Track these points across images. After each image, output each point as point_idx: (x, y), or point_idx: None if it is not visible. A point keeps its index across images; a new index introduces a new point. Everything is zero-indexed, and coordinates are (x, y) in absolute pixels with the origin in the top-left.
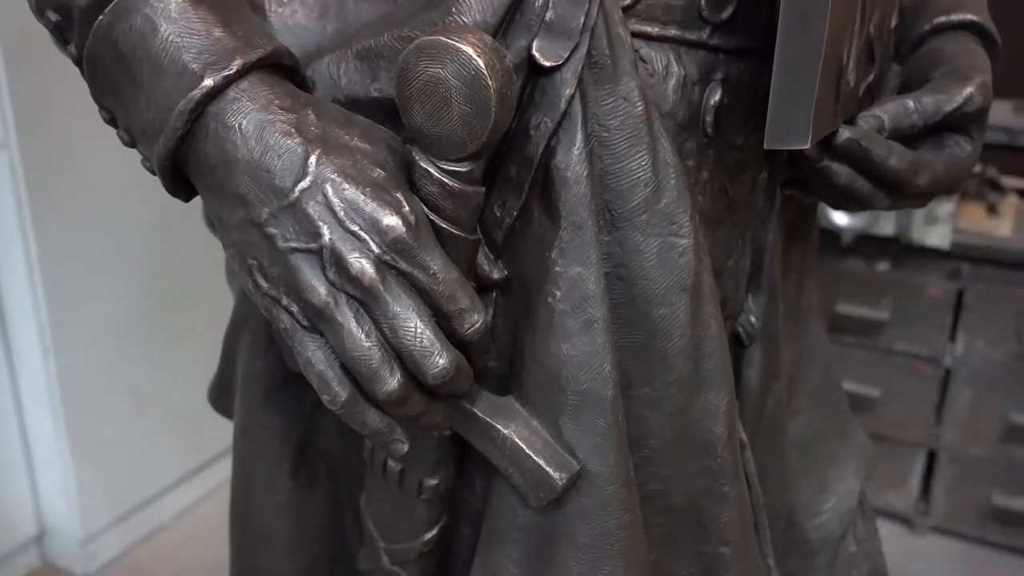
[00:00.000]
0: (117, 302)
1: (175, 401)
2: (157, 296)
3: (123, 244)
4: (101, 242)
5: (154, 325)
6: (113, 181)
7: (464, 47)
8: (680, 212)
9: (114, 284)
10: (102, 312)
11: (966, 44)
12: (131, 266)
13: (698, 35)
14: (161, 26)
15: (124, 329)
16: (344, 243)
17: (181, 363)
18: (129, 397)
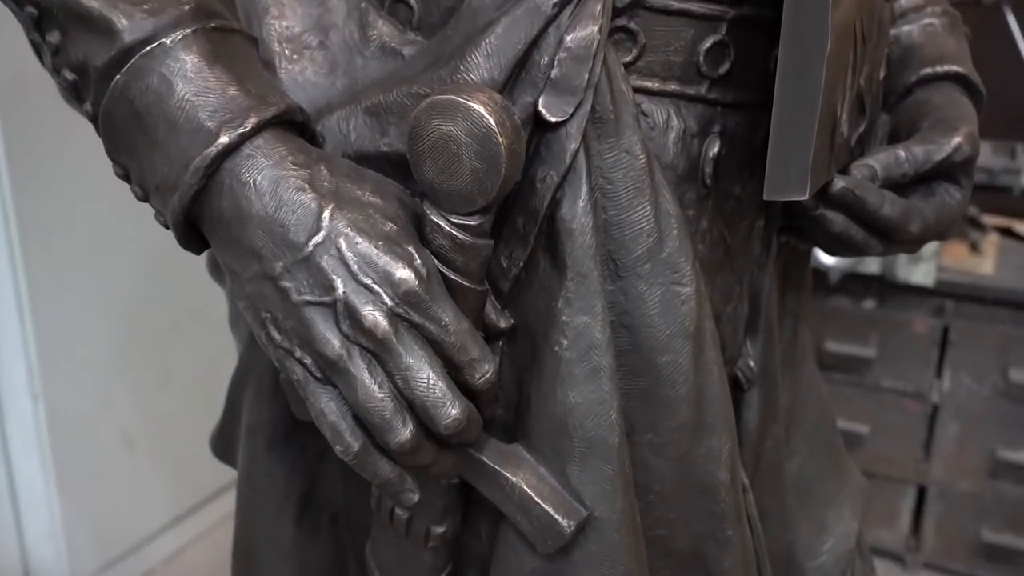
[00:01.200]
0: (107, 344)
1: (165, 442)
2: (146, 337)
3: (113, 286)
4: (91, 284)
5: (143, 366)
6: (104, 223)
7: (475, 105)
8: (682, 261)
9: (104, 326)
10: (92, 355)
11: (952, 95)
12: (121, 307)
13: (697, 90)
14: (177, 85)
15: (113, 370)
16: (357, 296)
17: (171, 404)
18: (118, 439)
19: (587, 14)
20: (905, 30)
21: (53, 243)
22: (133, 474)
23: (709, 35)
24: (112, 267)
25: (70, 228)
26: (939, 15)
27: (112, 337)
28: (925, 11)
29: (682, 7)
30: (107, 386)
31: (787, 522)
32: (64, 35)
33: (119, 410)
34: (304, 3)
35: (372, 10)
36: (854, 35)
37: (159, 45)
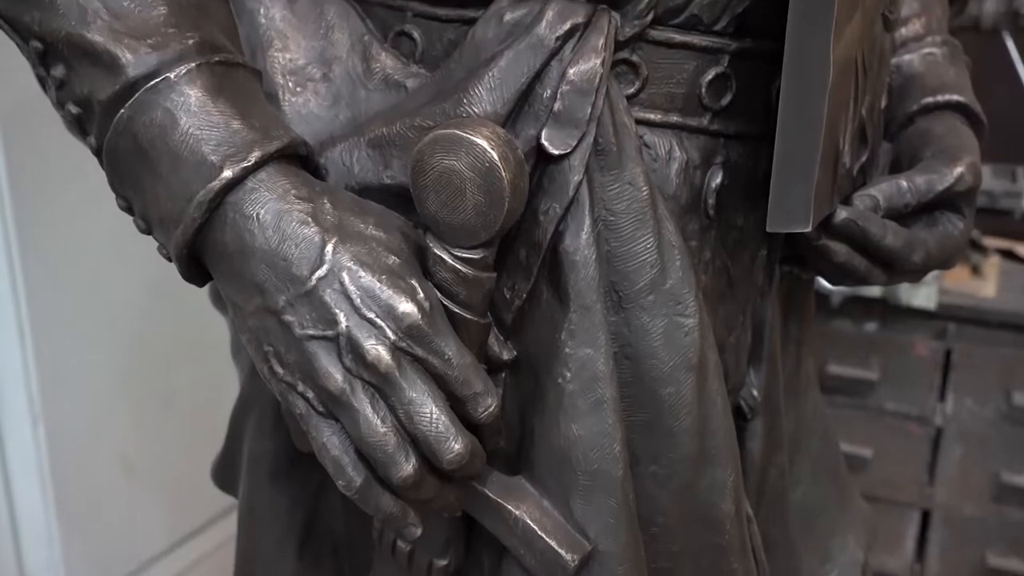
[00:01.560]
0: (107, 368)
1: (165, 467)
2: (147, 361)
3: (114, 310)
4: (92, 308)
5: (144, 390)
6: (105, 248)
7: (478, 140)
8: (685, 292)
9: (105, 350)
10: (92, 379)
11: (954, 124)
12: (122, 331)
13: (699, 121)
14: (181, 119)
15: (114, 394)
16: (360, 330)
17: (171, 428)
18: (118, 463)
19: (590, 48)
20: (906, 59)
21: (55, 267)
22: (133, 498)
23: (711, 67)
24: (113, 291)
25: (72, 252)
26: (939, 44)
27: (113, 361)
28: (925, 40)
29: (684, 40)
30: (107, 410)
31: (792, 552)
32: (69, 69)
33: (119, 434)
34: (308, 36)
35: (375, 43)
36: (855, 67)
37: (163, 80)
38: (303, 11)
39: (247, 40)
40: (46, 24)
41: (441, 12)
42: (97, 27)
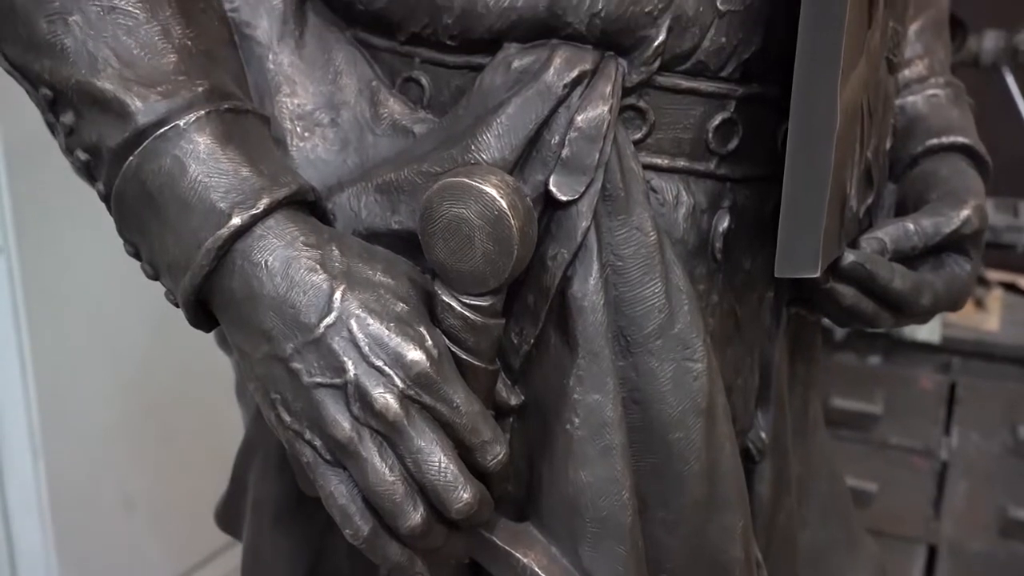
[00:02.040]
0: (109, 403)
1: (165, 503)
2: (149, 396)
3: (116, 346)
4: (95, 344)
5: (145, 425)
6: (108, 284)
7: (487, 188)
8: (693, 337)
9: (106, 385)
10: (94, 414)
11: (959, 166)
12: (124, 367)
13: (706, 166)
14: (190, 167)
15: (115, 430)
16: (368, 378)
17: (172, 465)
18: (119, 500)
19: (597, 94)
20: (910, 100)
21: (57, 302)
22: (133, 535)
23: (718, 113)
24: (115, 327)
25: (74, 287)
26: (943, 86)
27: (114, 396)
28: (929, 82)
29: (691, 86)
30: (108, 446)
31: None
32: (78, 116)
33: (120, 470)
34: (316, 81)
35: (383, 88)
36: (861, 111)
37: (172, 127)
38: (311, 57)
39: (255, 86)
40: (56, 72)
41: (449, 59)
42: (107, 75)
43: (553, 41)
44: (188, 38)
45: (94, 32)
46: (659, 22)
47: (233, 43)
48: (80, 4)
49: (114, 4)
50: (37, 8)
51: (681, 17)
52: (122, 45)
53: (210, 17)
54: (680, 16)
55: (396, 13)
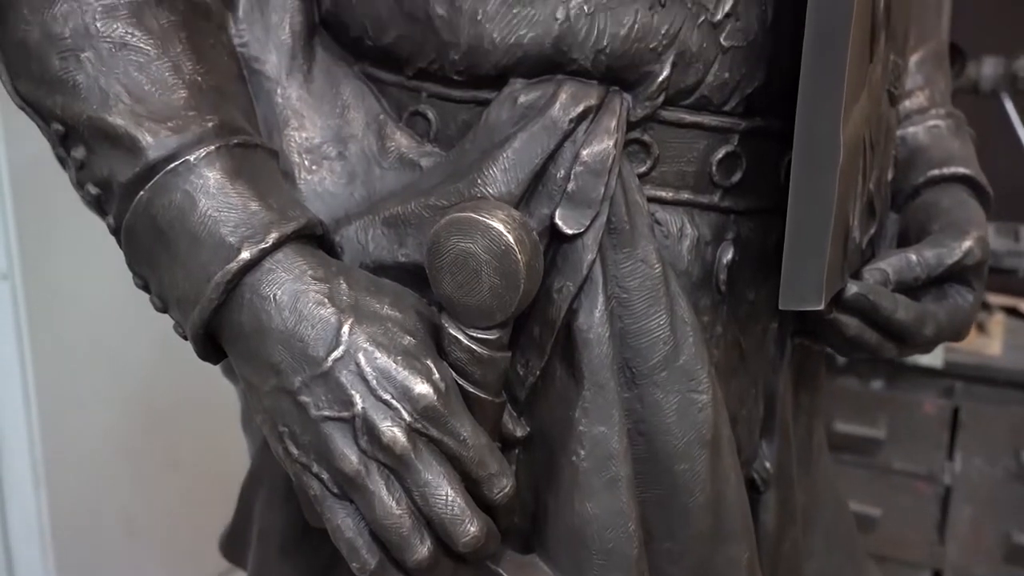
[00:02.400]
0: (110, 430)
1: (167, 530)
2: (151, 422)
3: (119, 372)
4: (97, 370)
5: (147, 451)
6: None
7: (495, 223)
8: (698, 369)
9: (109, 412)
10: (95, 440)
11: (960, 197)
12: (125, 393)
13: (710, 198)
14: (200, 201)
15: (117, 456)
16: (376, 412)
17: (174, 490)
18: (120, 527)
19: (602, 129)
20: (911, 131)
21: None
22: (135, 562)
23: (721, 146)
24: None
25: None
26: (944, 117)
27: (116, 423)
28: (930, 113)
29: (695, 120)
30: (110, 472)
31: None
32: (89, 151)
33: (122, 497)
34: (324, 115)
35: (390, 122)
36: (863, 144)
37: (183, 163)
38: (319, 91)
39: (264, 119)
40: (68, 108)
41: (455, 93)
42: (118, 110)
43: (558, 76)
44: (198, 74)
45: (106, 68)
46: (663, 58)
47: (242, 78)
48: (92, 41)
49: (126, 41)
50: (50, 45)
51: (685, 53)
52: (133, 81)
53: (220, 52)
54: (684, 52)
55: (404, 49)
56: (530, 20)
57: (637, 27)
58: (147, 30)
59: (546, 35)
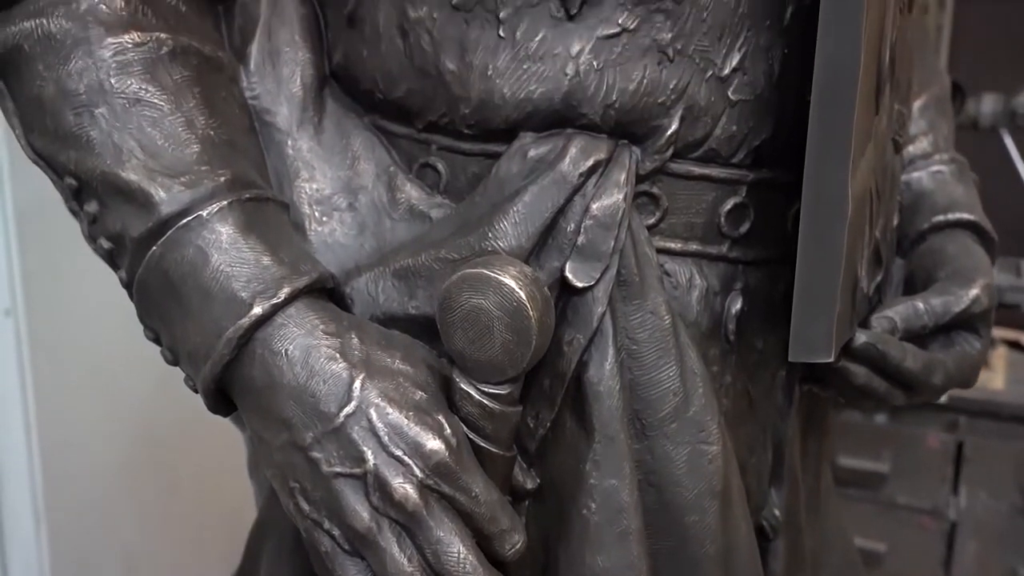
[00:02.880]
0: (112, 466)
1: (167, 560)
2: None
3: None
4: (98, 405)
5: (149, 488)
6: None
7: (506, 280)
8: (708, 420)
9: (109, 447)
10: (96, 477)
11: (966, 243)
12: (127, 427)
13: (718, 249)
14: (213, 256)
15: (117, 487)
16: (388, 468)
17: (174, 521)
18: (120, 559)
19: (612, 183)
20: (915, 176)
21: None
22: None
23: (729, 198)
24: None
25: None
26: (947, 162)
27: (116, 453)
28: (933, 158)
29: (703, 172)
30: (110, 504)
31: None
32: (102, 206)
33: (122, 528)
34: (334, 166)
35: (400, 173)
36: (870, 194)
37: (196, 218)
38: (329, 142)
39: (275, 171)
40: (82, 163)
41: (465, 146)
42: (132, 166)
43: (568, 130)
44: (211, 128)
45: (120, 124)
46: (672, 112)
47: (253, 130)
48: (106, 97)
49: (140, 96)
50: (64, 101)
51: (693, 107)
52: (147, 136)
53: (231, 105)
54: (692, 106)
55: (414, 103)
56: (540, 76)
57: (646, 82)
58: (161, 86)
59: (556, 90)
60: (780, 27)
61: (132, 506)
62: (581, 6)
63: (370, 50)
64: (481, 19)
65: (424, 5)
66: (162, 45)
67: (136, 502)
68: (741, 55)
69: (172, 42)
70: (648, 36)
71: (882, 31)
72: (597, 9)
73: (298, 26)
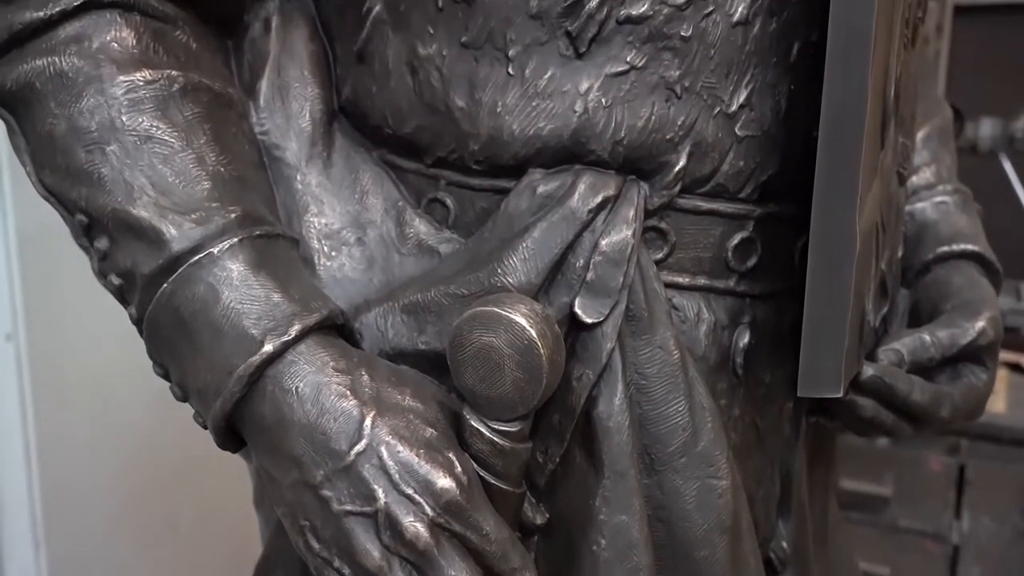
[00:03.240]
0: (113, 492)
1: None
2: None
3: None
4: (99, 432)
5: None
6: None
7: (517, 318)
8: (717, 454)
9: (110, 475)
10: (97, 504)
11: (971, 275)
12: (128, 455)
13: (726, 283)
14: (223, 293)
15: (117, 517)
16: (399, 507)
17: (175, 551)
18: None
19: (621, 219)
20: (919, 207)
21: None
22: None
23: (737, 232)
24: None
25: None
26: (951, 193)
27: (117, 483)
28: (937, 189)
29: (711, 207)
30: (110, 533)
31: None
32: (112, 242)
33: (122, 558)
34: (343, 200)
35: (409, 208)
36: (876, 229)
37: (207, 255)
38: (338, 176)
39: (284, 205)
40: (93, 200)
41: (474, 182)
42: (143, 203)
43: (577, 167)
44: (221, 164)
45: (130, 161)
46: (680, 148)
47: (263, 165)
48: (118, 134)
49: (151, 134)
50: (76, 138)
51: (701, 143)
52: (158, 173)
53: (241, 141)
54: (700, 142)
55: (423, 138)
56: (549, 113)
57: (654, 119)
58: (171, 123)
59: (565, 127)
60: (787, 64)
61: (133, 533)
62: (590, 44)
63: (379, 86)
64: (490, 57)
65: (434, 43)
66: (173, 82)
67: (137, 529)
68: (748, 92)
69: (183, 79)
70: (656, 73)
71: (887, 67)
72: (606, 47)
73: (307, 62)
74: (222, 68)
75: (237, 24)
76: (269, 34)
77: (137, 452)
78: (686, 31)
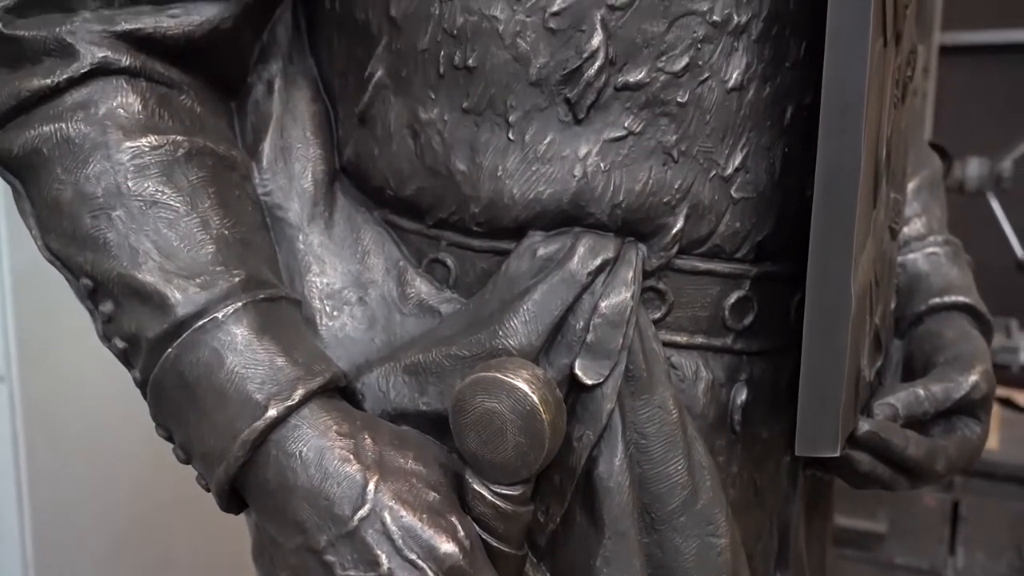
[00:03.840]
0: (105, 532)
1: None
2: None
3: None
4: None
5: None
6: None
7: (519, 384)
8: (716, 512)
9: (103, 515)
10: (89, 545)
11: (963, 327)
12: (120, 495)
13: (723, 341)
14: (228, 358)
15: (110, 561)
16: (403, 572)
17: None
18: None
19: (620, 281)
20: (910, 258)
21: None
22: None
23: (733, 291)
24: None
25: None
26: (942, 244)
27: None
28: (928, 240)
29: (708, 267)
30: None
31: None
32: (117, 306)
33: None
34: (344, 260)
35: (410, 268)
36: (870, 286)
37: (211, 320)
38: (340, 236)
39: (286, 265)
40: (98, 265)
41: (475, 243)
42: (148, 267)
43: (576, 229)
44: (225, 227)
45: (136, 226)
46: (677, 211)
47: (265, 226)
48: (123, 200)
49: (156, 199)
50: (82, 204)
51: (698, 206)
52: (163, 238)
53: (245, 203)
54: (697, 205)
55: (425, 200)
56: (549, 177)
57: (651, 182)
58: (177, 187)
59: (564, 191)
60: (781, 127)
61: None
62: (589, 111)
63: (381, 148)
64: (491, 122)
65: (435, 107)
66: (178, 147)
67: (129, 571)
68: (743, 155)
69: (188, 144)
70: (653, 138)
71: (879, 128)
72: (604, 113)
73: (310, 123)
74: (226, 130)
75: (241, 86)
76: (272, 96)
77: (129, 494)
78: (682, 97)
